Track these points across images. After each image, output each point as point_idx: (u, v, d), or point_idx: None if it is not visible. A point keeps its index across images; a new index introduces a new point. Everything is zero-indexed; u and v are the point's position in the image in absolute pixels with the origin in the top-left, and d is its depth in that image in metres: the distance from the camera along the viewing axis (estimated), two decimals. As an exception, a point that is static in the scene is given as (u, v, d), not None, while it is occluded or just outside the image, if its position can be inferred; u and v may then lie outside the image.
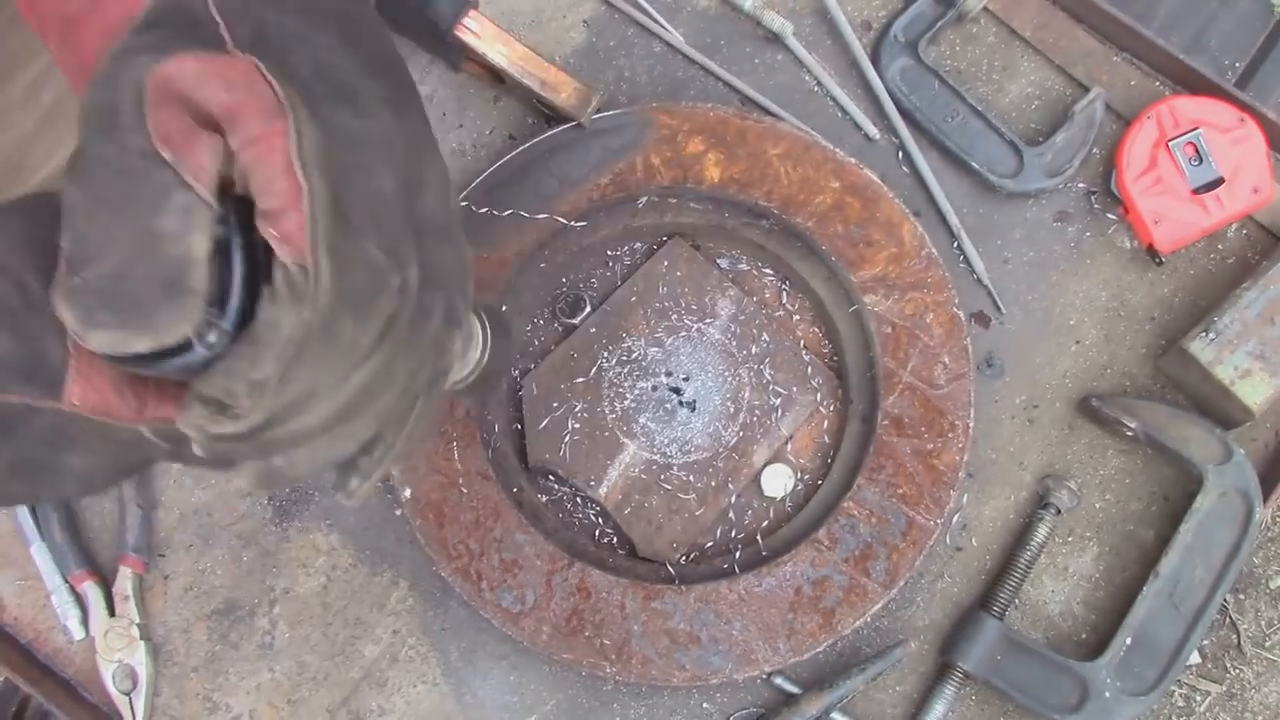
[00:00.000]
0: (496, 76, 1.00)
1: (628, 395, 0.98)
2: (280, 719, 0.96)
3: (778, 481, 0.98)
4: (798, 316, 1.01)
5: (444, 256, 0.59)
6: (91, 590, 0.97)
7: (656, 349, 0.99)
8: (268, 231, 0.51)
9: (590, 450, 0.97)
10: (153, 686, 0.97)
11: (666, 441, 0.97)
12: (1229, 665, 0.98)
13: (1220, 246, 1.02)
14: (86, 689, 0.98)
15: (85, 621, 0.97)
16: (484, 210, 0.96)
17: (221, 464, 0.57)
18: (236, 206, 0.52)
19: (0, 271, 0.54)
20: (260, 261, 0.52)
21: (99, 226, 0.50)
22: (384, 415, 0.57)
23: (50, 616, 0.98)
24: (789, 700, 0.95)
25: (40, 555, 0.98)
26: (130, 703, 0.96)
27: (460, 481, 0.94)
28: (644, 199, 0.99)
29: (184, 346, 0.51)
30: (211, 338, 0.51)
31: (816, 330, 1.01)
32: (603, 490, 0.97)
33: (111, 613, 0.97)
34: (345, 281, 0.51)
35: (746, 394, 0.98)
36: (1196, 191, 0.98)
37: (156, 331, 0.50)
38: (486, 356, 0.72)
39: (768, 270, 1.02)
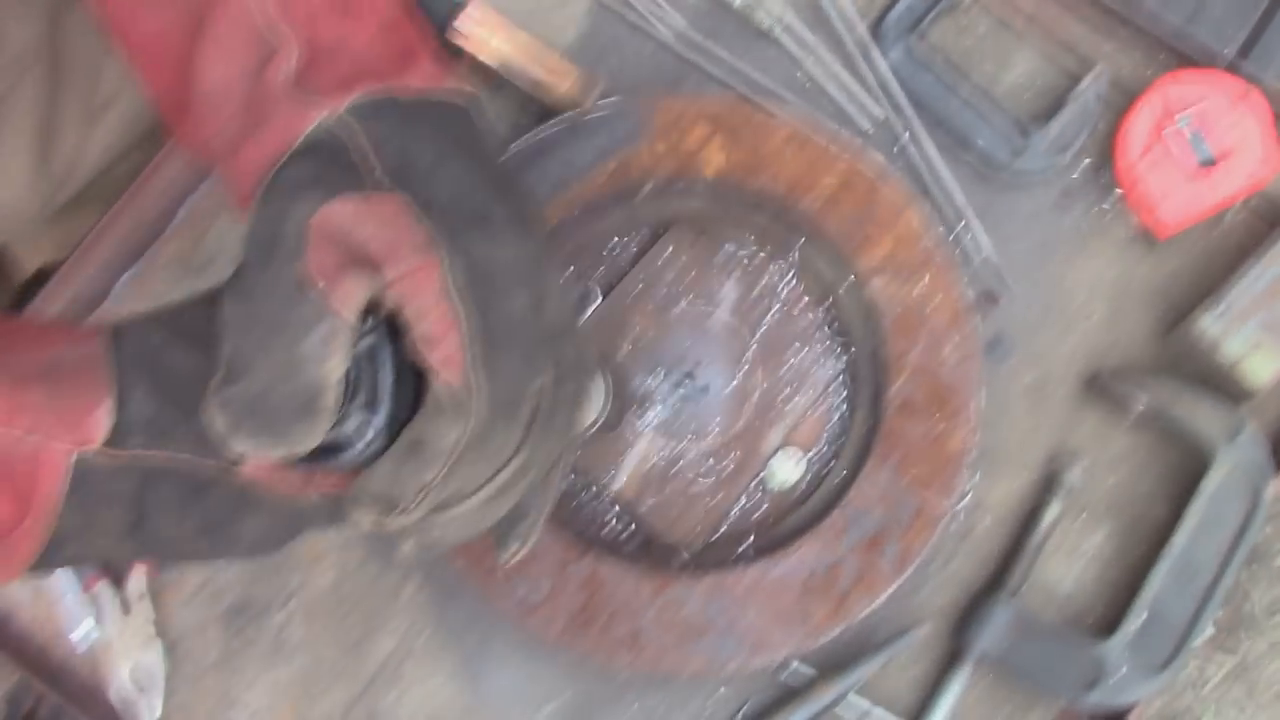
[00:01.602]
0: (488, 74, 0.99)
1: (638, 385, 0.98)
2: (298, 715, 0.97)
3: (786, 468, 0.98)
4: (804, 300, 1.01)
5: (567, 352, 0.64)
6: (104, 591, 0.97)
7: (664, 337, 0.99)
8: (428, 357, 0.57)
9: (604, 443, 0.97)
10: (169, 685, 0.97)
11: (680, 429, 0.98)
12: (1242, 637, 0.98)
13: (1225, 221, 1.02)
14: (102, 689, 0.98)
15: (99, 622, 0.98)
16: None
17: (383, 539, 0.65)
18: (383, 319, 0.58)
19: (207, 358, 0.60)
20: (405, 366, 0.58)
21: (253, 343, 0.57)
22: (529, 489, 0.65)
23: (63, 618, 0.98)
24: (804, 686, 0.95)
25: (53, 558, 0.98)
26: (147, 702, 0.96)
27: (471, 475, 0.94)
28: (647, 188, 0.99)
29: (345, 445, 0.59)
30: (369, 435, 0.58)
31: (822, 314, 1.01)
32: (619, 483, 0.97)
33: (125, 613, 0.97)
34: (497, 395, 0.58)
35: (757, 377, 0.98)
36: (1200, 167, 0.98)
37: (290, 444, 0.57)
38: (608, 408, 0.79)
39: (772, 255, 1.02)
